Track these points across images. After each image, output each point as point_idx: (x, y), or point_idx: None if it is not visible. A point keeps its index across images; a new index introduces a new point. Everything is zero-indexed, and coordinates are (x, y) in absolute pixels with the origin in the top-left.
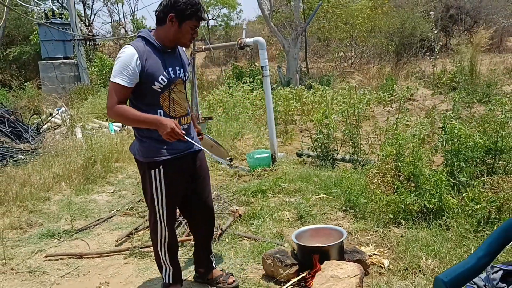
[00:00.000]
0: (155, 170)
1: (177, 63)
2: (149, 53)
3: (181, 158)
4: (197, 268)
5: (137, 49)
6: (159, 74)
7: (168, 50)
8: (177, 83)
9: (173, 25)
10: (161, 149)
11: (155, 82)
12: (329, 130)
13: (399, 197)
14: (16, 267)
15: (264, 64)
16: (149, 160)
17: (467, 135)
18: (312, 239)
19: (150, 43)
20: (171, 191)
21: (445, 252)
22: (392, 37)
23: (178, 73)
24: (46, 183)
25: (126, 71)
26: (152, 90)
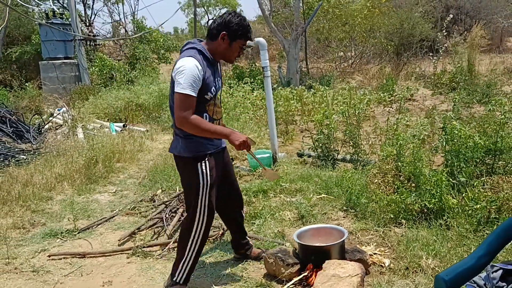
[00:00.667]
0: (201, 163)
1: (219, 75)
2: (205, 65)
3: (219, 153)
4: (237, 251)
5: (200, 62)
6: (212, 85)
7: (216, 64)
8: (218, 92)
9: (224, 42)
10: (206, 144)
11: (208, 92)
12: (330, 131)
13: (400, 197)
14: (20, 267)
15: (265, 64)
16: (196, 154)
17: (467, 136)
18: (313, 238)
19: (206, 56)
20: (215, 178)
21: (445, 252)
22: (392, 37)
23: (220, 84)
24: (48, 183)
25: (195, 83)
26: (203, 98)
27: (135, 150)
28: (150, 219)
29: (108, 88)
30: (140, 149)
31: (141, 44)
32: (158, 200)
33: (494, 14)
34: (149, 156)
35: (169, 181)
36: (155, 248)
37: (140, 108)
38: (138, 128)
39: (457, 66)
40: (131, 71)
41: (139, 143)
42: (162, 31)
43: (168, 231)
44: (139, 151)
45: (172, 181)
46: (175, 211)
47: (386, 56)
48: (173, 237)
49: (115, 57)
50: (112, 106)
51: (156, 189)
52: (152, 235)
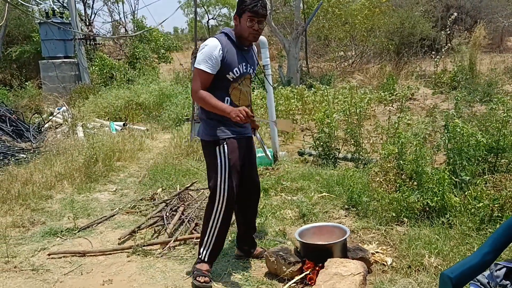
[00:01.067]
0: (219, 146)
1: (250, 61)
2: (229, 46)
3: (239, 140)
4: (241, 246)
5: (220, 41)
6: (234, 65)
7: (244, 48)
8: (246, 78)
9: (237, 23)
10: (225, 129)
11: (230, 72)
12: (331, 129)
13: (402, 195)
14: (19, 265)
15: (266, 63)
16: (216, 138)
17: (469, 134)
18: (315, 237)
19: (231, 38)
20: (234, 162)
21: (448, 250)
22: (392, 37)
23: (249, 69)
24: (48, 181)
25: (210, 59)
26: (225, 79)
27: (135, 149)
28: (151, 217)
29: (108, 87)
30: (140, 148)
31: (141, 43)
32: (158, 199)
33: (494, 14)
34: (149, 155)
35: (169, 179)
36: (156, 247)
37: (140, 107)
38: (138, 127)
39: (458, 65)
40: (131, 71)
41: (139, 142)
42: (162, 30)
43: (168, 230)
44: (139, 150)
45: (172, 180)
46: (175, 210)
47: (386, 55)
48: (174, 236)
49: (115, 56)
50: (112, 105)
51: (156, 188)
52: (153, 233)
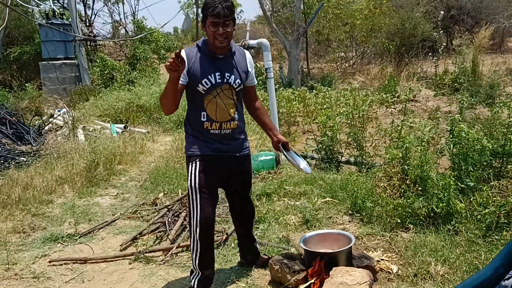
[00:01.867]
0: (191, 163)
1: (227, 69)
2: (198, 57)
3: (219, 158)
4: (245, 255)
5: (187, 53)
6: (203, 76)
7: (219, 56)
8: (224, 88)
9: (204, 29)
10: (202, 145)
11: (199, 84)
12: (333, 133)
13: (406, 201)
14: (20, 273)
15: (268, 66)
16: (189, 153)
17: (474, 139)
18: (319, 244)
19: (201, 49)
20: (204, 183)
21: (454, 258)
22: (393, 38)
23: (225, 79)
24: (48, 186)
25: None
26: (197, 91)
27: (136, 152)
28: (153, 223)
29: (109, 89)
30: (141, 151)
31: (142, 44)
32: (160, 203)
33: (495, 15)
34: (151, 158)
35: (171, 184)
36: (158, 254)
37: (141, 109)
38: (139, 130)
39: (460, 67)
40: (131, 72)
41: (140, 145)
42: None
43: (171, 236)
44: (140, 153)
45: (174, 184)
46: (177, 215)
47: (387, 56)
48: (176, 242)
49: (115, 57)
50: (112, 107)
51: (158, 192)
52: (155, 239)
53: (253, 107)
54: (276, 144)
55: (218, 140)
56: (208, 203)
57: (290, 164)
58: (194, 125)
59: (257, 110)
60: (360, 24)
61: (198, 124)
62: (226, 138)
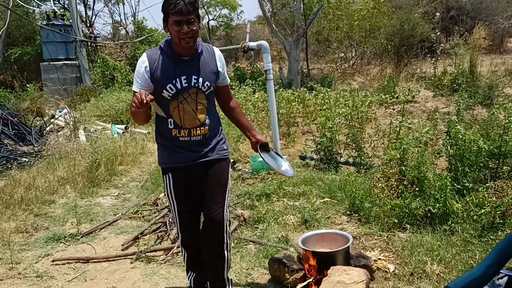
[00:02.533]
0: (165, 176)
1: (193, 72)
2: (161, 60)
3: (189, 169)
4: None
5: (149, 56)
6: (167, 81)
7: (184, 58)
8: (191, 93)
9: (167, 29)
10: (171, 155)
11: (164, 89)
12: (332, 133)
13: (404, 201)
14: (23, 272)
15: (268, 67)
16: (162, 166)
17: (471, 140)
18: (318, 244)
19: (164, 51)
20: (179, 198)
21: (450, 257)
22: (392, 38)
23: (193, 82)
24: (51, 186)
25: (138, 77)
26: (163, 97)
27: (137, 153)
28: (154, 223)
29: (110, 89)
30: (142, 151)
31: (142, 45)
32: (161, 204)
33: (495, 15)
34: (151, 159)
35: None
36: (159, 253)
37: None
38: (139, 130)
39: (458, 68)
40: (132, 72)
41: (141, 145)
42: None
43: (171, 236)
44: (141, 153)
45: None
46: None
47: (387, 57)
48: (177, 242)
49: (115, 57)
50: (113, 108)
51: (158, 192)
52: (156, 239)
53: (227, 107)
54: (255, 145)
55: (187, 148)
56: (186, 215)
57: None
58: (163, 133)
59: (233, 111)
60: (358, 25)
61: (166, 132)
62: (197, 145)
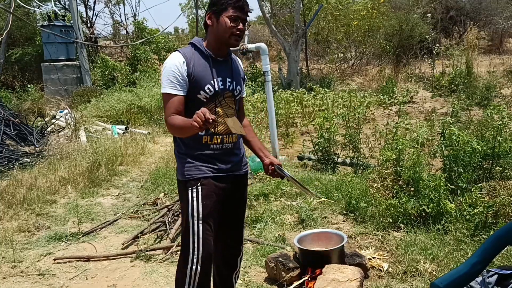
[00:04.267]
0: (192, 189)
1: (228, 74)
2: (197, 59)
3: (223, 179)
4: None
5: (184, 54)
6: (206, 82)
7: (219, 59)
8: (226, 96)
9: (213, 22)
10: (201, 165)
11: (201, 90)
12: (330, 134)
13: (399, 201)
14: (25, 270)
15: (266, 69)
16: (188, 178)
17: (465, 141)
18: (313, 243)
19: (199, 49)
20: (207, 213)
21: (442, 256)
22: (391, 39)
23: (228, 85)
24: (52, 186)
25: (175, 78)
26: (197, 100)
27: (138, 153)
28: (153, 222)
29: (110, 90)
30: (142, 152)
31: (142, 45)
32: (160, 203)
33: (494, 16)
34: (151, 159)
35: (171, 184)
36: (158, 252)
37: (142, 111)
38: (140, 131)
39: (455, 69)
40: (132, 72)
41: (141, 146)
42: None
43: (171, 235)
44: (141, 154)
45: (174, 185)
46: (177, 215)
47: (386, 57)
48: (176, 241)
49: (116, 58)
50: (114, 108)
51: (158, 193)
52: (155, 238)
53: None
54: (269, 166)
55: (219, 158)
56: (211, 235)
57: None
58: (190, 141)
59: (245, 128)
60: (357, 25)
61: (195, 140)
62: (227, 154)
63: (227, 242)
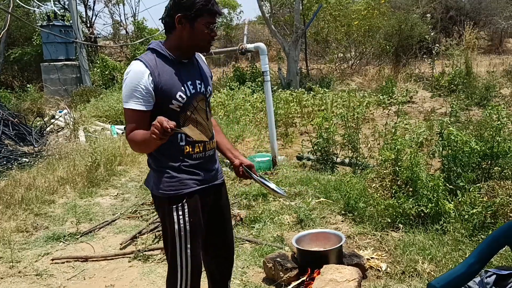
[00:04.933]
0: (177, 206)
1: (197, 76)
2: (162, 66)
3: (206, 190)
4: None
5: (147, 63)
6: (176, 90)
7: (184, 61)
8: (199, 100)
9: (184, 27)
10: (185, 179)
11: (173, 100)
12: (329, 134)
13: (397, 201)
14: (23, 270)
15: (265, 69)
16: (171, 194)
17: (463, 141)
18: (312, 243)
19: (162, 55)
20: (194, 230)
21: (441, 256)
22: (390, 39)
23: (199, 88)
24: (50, 186)
25: (138, 92)
26: (170, 110)
27: (136, 153)
28: (152, 223)
29: (110, 90)
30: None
31: (142, 45)
32: None
33: (494, 16)
34: None
35: None
36: (156, 252)
37: None
38: None
39: (455, 69)
40: None
41: None
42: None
43: None
44: (140, 154)
45: None
46: None
47: (385, 57)
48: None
49: (115, 58)
50: (113, 108)
51: None
52: (153, 238)
53: None
54: (238, 167)
55: (202, 167)
56: (199, 249)
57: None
58: (170, 153)
59: (214, 128)
60: (357, 25)
61: (175, 151)
62: (210, 161)
63: (218, 253)
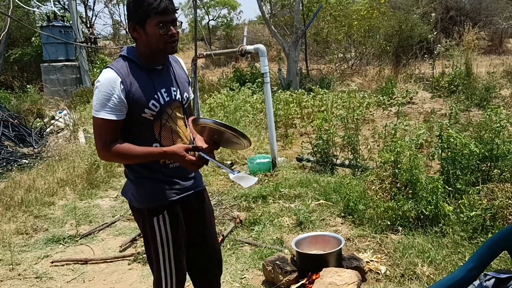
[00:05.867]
0: (158, 217)
1: (171, 83)
2: (133, 74)
3: (185, 202)
4: None
5: (118, 71)
6: (149, 98)
7: (157, 68)
8: (174, 107)
9: (139, 33)
10: (165, 190)
11: (145, 109)
12: (329, 136)
13: (397, 204)
14: (23, 273)
15: (264, 71)
16: (151, 205)
17: (462, 144)
18: (311, 246)
19: (133, 62)
20: (177, 241)
21: (440, 259)
22: (391, 39)
23: (174, 95)
24: (50, 188)
25: (110, 100)
26: (143, 120)
27: None
28: None
29: None
30: None
31: None
32: None
33: (494, 16)
34: None
35: None
36: None
37: None
38: None
39: (455, 70)
40: None
41: None
42: None
43: None
44: None
45: None
46: None
47: (385, 58)
48: None
49: (115, 58)
50: None
51: None
52: None
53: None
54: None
55: (180, 175)
56: (183, 256)
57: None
58: (146, 164)
59: None
60: (357, 25)
61: (151, 162)
62: (188, 171)
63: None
